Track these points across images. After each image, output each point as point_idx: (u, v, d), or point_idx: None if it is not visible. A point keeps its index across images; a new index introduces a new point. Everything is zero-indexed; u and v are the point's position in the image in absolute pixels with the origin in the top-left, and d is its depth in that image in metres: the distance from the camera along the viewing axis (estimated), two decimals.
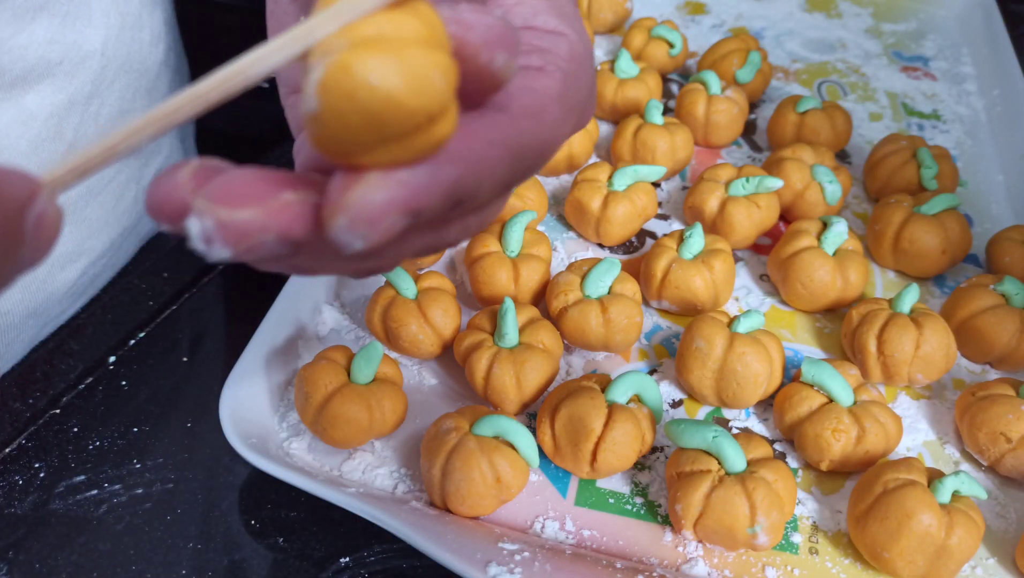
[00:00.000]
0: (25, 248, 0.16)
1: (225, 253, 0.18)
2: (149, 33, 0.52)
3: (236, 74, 0.17)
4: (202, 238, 0.17)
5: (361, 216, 0.17)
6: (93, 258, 0.50)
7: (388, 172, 0.17)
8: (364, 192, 0.17)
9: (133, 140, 0.17)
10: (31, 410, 0.43)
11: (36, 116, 0.43)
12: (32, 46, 0.42)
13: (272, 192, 0.18)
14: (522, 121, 0.20)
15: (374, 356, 0.39)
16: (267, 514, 0.40)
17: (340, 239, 0.17)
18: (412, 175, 0.17)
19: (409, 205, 0.17)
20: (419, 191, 0.18)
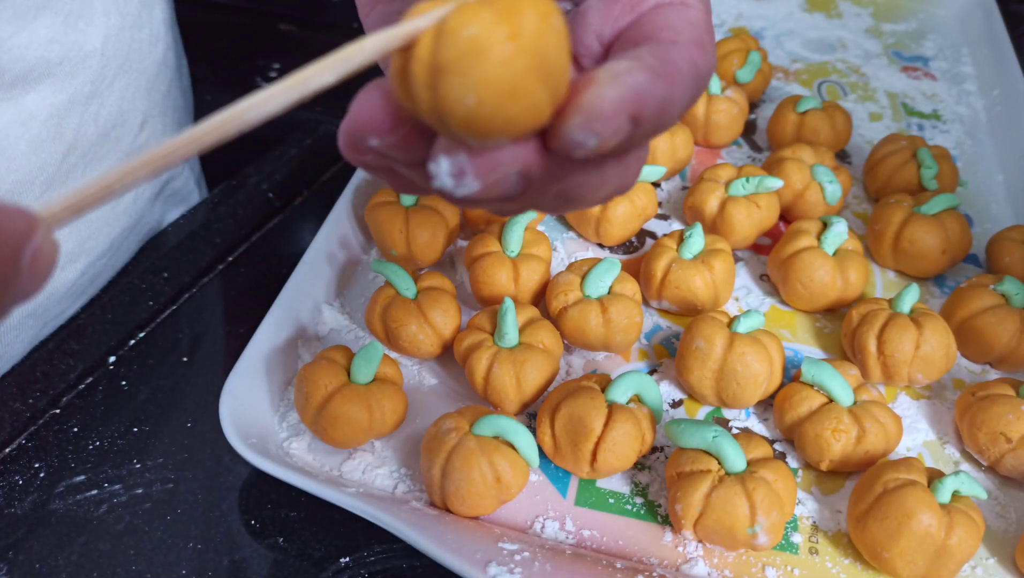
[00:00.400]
0: (22, 281, 0.17)
1: (474, 185, 0.19)
2: (149, 33, 0.52)
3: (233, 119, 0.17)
4: (452, 172, 0.18)
5: (596, 113, 0.18)
6: (93, 258, 0.50)
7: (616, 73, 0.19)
8: (597, 91, 0.18)
9: (129, 180, 0.17)
10: (31, 410, 0.43)
11: (36, 116, 0.43)
12: (32, 46, 0.42)
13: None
14: (693, 49, 0.23)
15: (374, 356, 0.39)
16: (267, 514, 0.40)
17: (575, 138, 0.18)
18: (635, 79, 0.19)
19: (635, 106, 0.19)
20: (642, 95, 0.19)
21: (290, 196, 0.58)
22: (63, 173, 0.46)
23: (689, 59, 0.22)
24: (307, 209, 0.57)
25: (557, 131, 0.19)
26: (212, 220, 0.55)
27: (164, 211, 0.59)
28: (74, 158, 0.46)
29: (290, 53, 0.80)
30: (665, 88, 0.20)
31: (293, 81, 0.17)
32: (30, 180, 0.44)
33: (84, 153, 0.47)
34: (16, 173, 0.43)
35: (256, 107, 0.17)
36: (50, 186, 0.45)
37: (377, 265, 0.44)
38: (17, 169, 0.43)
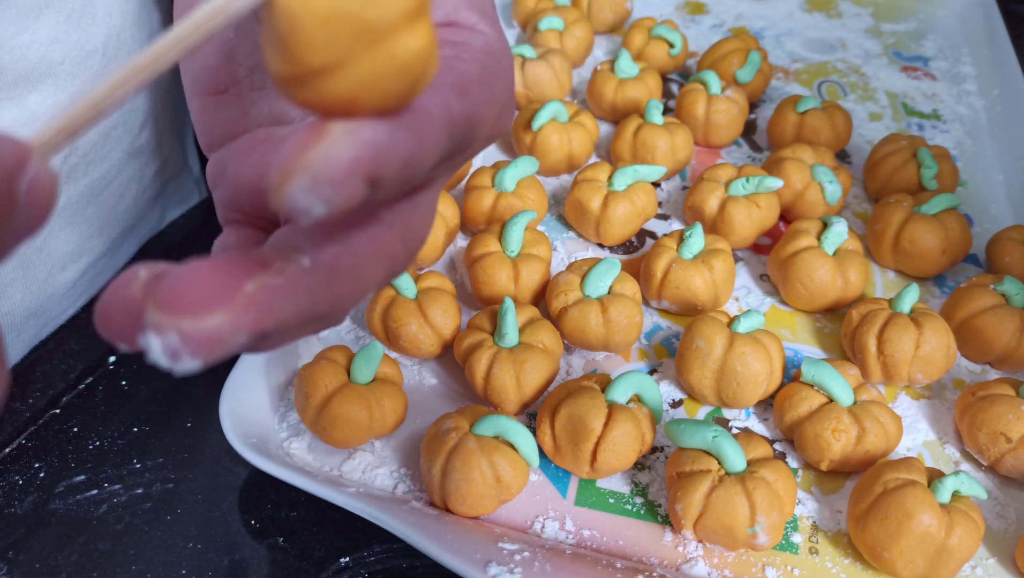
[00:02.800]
0: (20, 215, 0.16)
1: (195, 365, 0.16)
2: (149, 32, 0.52)
3: (217, 12, 0.16)
4: (167, 354, 0.16)
5: (325, 175, 0.16)
6: (93, 258, 0.50)
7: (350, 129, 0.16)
8: (327, 148, 0.16)
9: (118, 93, 0.16)
10: (31, 410, 0.43)
11: (38, 116, 0.43)
12: (34, 45, 0.42)
13: (232, 285, 0.16)
14: (450, 95, 0.20)
15: (374, 356, 0.39)
16: (267, 514, 0.40)
17: (299, 203, 0.16)
18: (374, 133, 0.16)
19: (373, 166, 0.16)
20: (382, 152, 0.16)
21: None
22: (64, 173, 0.46)
23: (441, 106, 0.19)
24: None
25: (277, 191, 0.16)
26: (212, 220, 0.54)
27: (164, 211, 0.59)
28: (75, 159, 0.46)
29: None
30: (410, 142, 0.17)
31: None
32: None
33: (85, 153, 0.47)
34: None
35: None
36: None
37: None
38: None
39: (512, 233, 0.46)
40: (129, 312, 0.16)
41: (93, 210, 0.49)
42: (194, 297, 0.16)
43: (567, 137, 0.55)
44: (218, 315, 0.16)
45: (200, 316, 0.16)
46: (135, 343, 0.16)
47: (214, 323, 0.16)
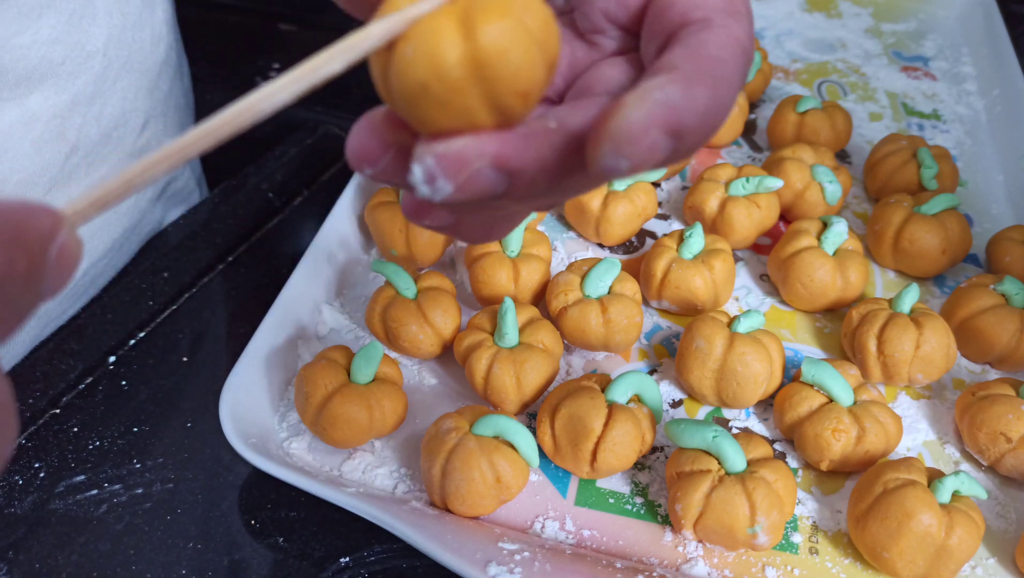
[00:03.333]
0: (48, 278, 0.17)
1: (447, 187, 0.19)
2: (150, 33, 0.52)
3: (246, 110, 0.18)
4: (425, 178, 0.19)
5: (623, 137, 0.18)
6: (94, 259, 0.50)
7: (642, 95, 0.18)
8: (624, 114, 0.18)
9: (149, 174, 0.18)
10: (31, 410, 0.43)
11: (39, 117, 0.43)
12: (35, 46, 0.42)
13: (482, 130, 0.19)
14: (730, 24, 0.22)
15: (374, 356, 0.39)
16: (267, 514, 0.40)
17: (607, 164, 0.18)
18: (665, 94, 0.18)
19: (669, 121, 0.18)
20: (677, 108, 0.18)
21: (290, 196, 0.58)
22: (66, 174, 0.46)
23: (728, 40, 0.21)
24: (307, 209, 0.57)
25: (589, 161, 0.19)
26: (212, 220, 0.55)
27: (165, 211, 0.59)
28: (77, 159, 0.46)
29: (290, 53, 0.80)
30: (706, 93, 0.19)
31: (303, 70, 0.18)
32: (34, 181, 0.44)
33: (87, 154, 0.47)
34: (20, 174, 0.43)
35: (268, 97, 0.18)
36: (53, 187, 0.45)
37: (377, 265, 0.44)
38: (21, 170, 0.43)
39: (512, 233, 0.46)
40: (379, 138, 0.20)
41: None
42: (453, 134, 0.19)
43: None
44: (465, 139, 0.19)
45: (451, 139, 0.19)
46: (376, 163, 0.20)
47: (460, 144, 0.19)
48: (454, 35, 0.18)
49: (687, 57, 0.21)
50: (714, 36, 0.21)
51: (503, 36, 0.18)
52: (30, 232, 0.16)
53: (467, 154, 0.19)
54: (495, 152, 0.19)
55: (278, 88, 0.18)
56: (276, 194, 0.57)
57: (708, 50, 0.21)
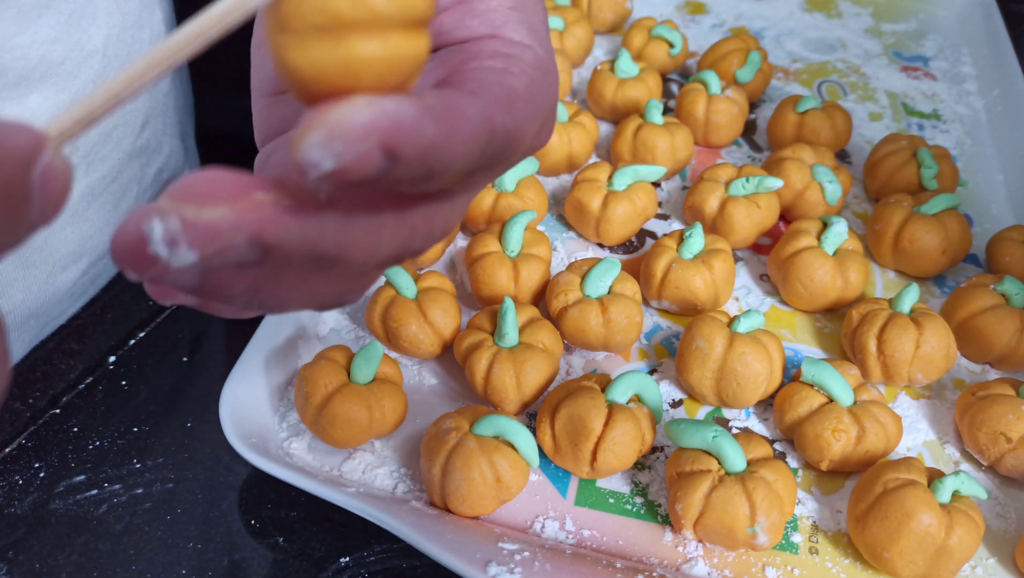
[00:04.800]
0: (34, 204, 0.16)
1: (191, 257, 0.16)
2: (149, 33, 0.52)
3: (237, 6, 0.16)
4: (165, 241, 0.16)
5: (339, 131, 0.16)
6: (94, 259, 0.50)
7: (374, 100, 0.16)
8: (347, 110, 0.16)
9: (135, 85, 0.16)
10: (31, 410, 0.43)
11: (39, 116, 0.43)
12: (35, 45, 0.42)
13: (243, 190, 0.17)
14: (494, 107, 0.20)
15: (374, 356, 0.39)
16: (267, 514, 0.40)
17: (311, 155, 0.16)
18: (397, 107, 0.17)
19: (391, 137, 0.16)
20: (403, 128, 0.16)
21: None
22: None
23: (483, 114, 0.19)
24: None
25: (295, 145, 0.16)
26: None
27: None
28: (76, 158, 0.46)
29: None
30: (436, 131, 0.17)
31: None
32: None
33: (86, 154, 0.47)
34: None
35: None
36: None
37: None
38: None
39: (512, 233, 0.46)
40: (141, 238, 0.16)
41: (94, 211, 0.49)
42: (203, 190, 0.16)
43: (567, 137, 0.55)
44: (222, 208, 0.16)
45: (204, 205, 0.16)
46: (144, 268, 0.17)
47: (216, 215, 0.16)
48: None
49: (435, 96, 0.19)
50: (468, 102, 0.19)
51: None
52: (7, 152, 0.15)
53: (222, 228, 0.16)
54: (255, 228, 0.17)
55: None
56: None
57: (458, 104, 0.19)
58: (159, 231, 0.16)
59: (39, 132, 0.16)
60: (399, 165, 0.17)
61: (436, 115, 0.17)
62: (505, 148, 0.21)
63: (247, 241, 0.17)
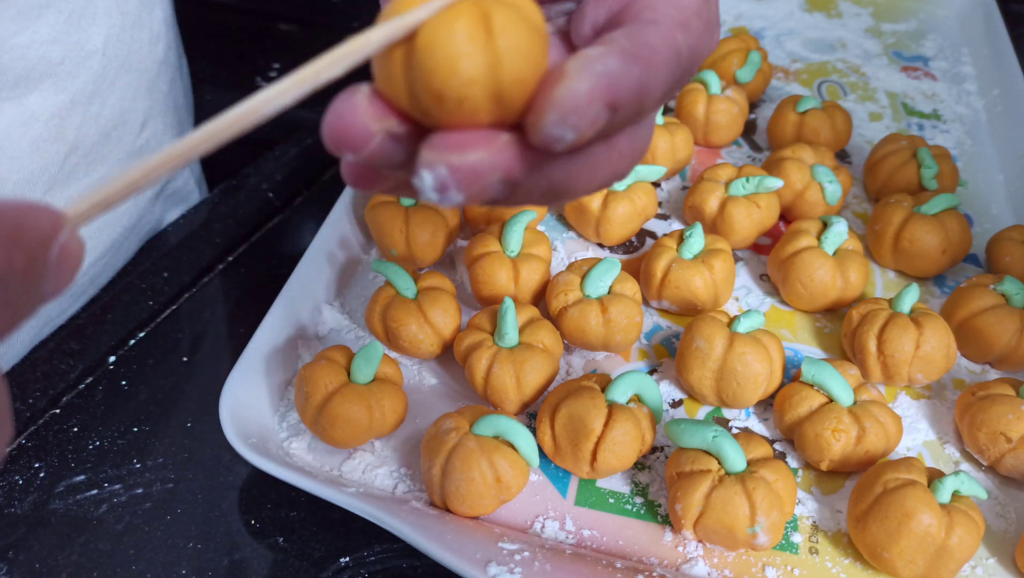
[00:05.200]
0: (49, 279, 0.17)
1: (459, 197, 0.19)
2: (149, 32, 0.52)
3: (249, 113, 0.18)
4: (435, 187, 0.19)
5: (569, 106, 0.18)
6: (93, 259, 0.50)
7: (584, 64, 0.19)
8: (568, 84, 0.18)
9: (152, 176, 0.18)
10: (31, 410, 0.43)
11: (38, 116, 0.43)
12: (34, 45, 0.42)
13: (491, 135, 0.19)
14: (674, 30, 0.22)
15: (374, 356, 0.39)
16: (267, 514, 0.40)
17: (552, 133, 0.18)
18: (606, 65, 0.19)
19: (609, 93, 0.19)
20: (616, 81, 0.19)
21: (290, 196, 0.58)
22: (65, 173, 0.46)
23: (668, 39, 0.22)
24: (307, 209, 0.57)
25: (533, 128, 0.19)
26: (212, 220, 0.55)
27: (164, 211, 0.59)
28: (76, 158, 0.46)
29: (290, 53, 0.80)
30: (640, 71, 0.20)
31: (305, 74, 0.18)
32: (32, 181, 0.44)
33: (86, 153, 0.47)
34: (19, 173, 0.43)
35: (270, 101, 0.18)
36: (52, 187, 0.45)
37: (377, 265, 0.44)
38: (19, 169, 0.43)
39: (512, 233, 0.46)
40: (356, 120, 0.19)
41: None
42: (461, 139, 0.19)
43: None
44: (480, 152, 0.19)
45: (465, 151, 0.19)
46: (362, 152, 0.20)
47: (476, 157, 0.19)
48: (475, 35, 0.18)
49: (625, 36, 0.21)
50: (652, 31, 0.22)
51: (517, 32, 0.18)
52: (29, 231, 0.16)
53: (482, 169, 0.19)
54: (507, 167, 0.19)
55: (280, 92, 0.18)
56: (276, 194, 0.57)
57: (645, 36, 0.21)
58: (429, 180, 0.19)
59: (59, 213, 0.17)
60: (619, 112, 0.19)
61: (635, 57, 0.20)
62: (692, 64, 0.23)
63: (500, 181, 0.19)
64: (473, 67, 0.18)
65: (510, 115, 0.19)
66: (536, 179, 0.21)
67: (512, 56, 0.18)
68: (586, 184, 0.23)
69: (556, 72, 0.19)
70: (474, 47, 0.18)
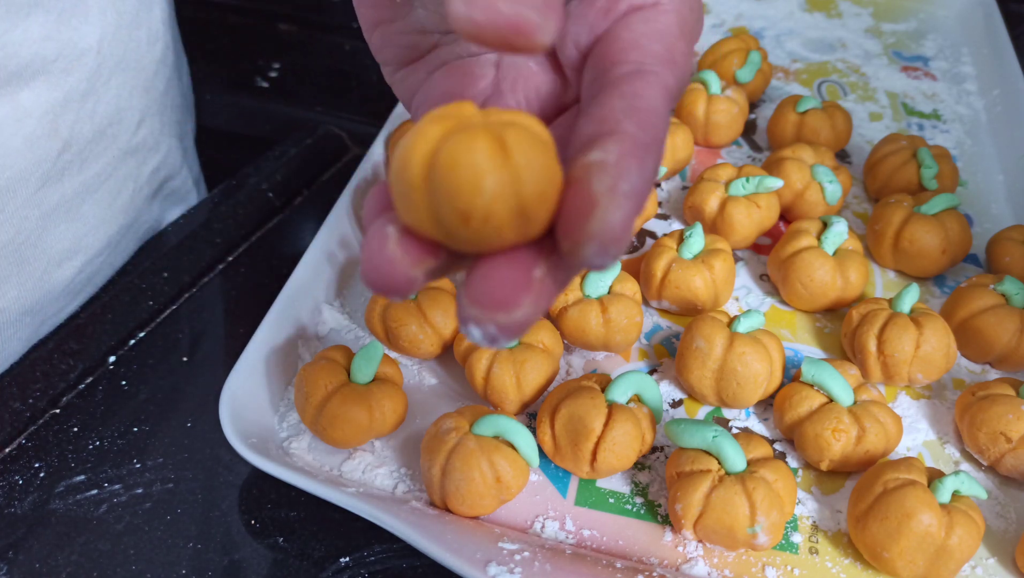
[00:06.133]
0: None
1: (509, 343, 0.20)
2: (147, 31, 0.52)
3: None
4: (486, 340, 0.19)
5: (609, 238, 0.19)
6: (90, 256, 0.50)
7: (612, 188, 0.19)
8: (602, 216, 0.19)
9: None
10: (31, 410, 0.43)
11: (31, 113, 0.43)
12: (27, 42, 0.42)
13: (525, 277, 0.19)
14: (663, 71, 0.22)
15: (374, 356, 0.39)
16: (267, 514, 0.40)
17: (594, 263, 0.19)
18: (631, 184, 0.19)
19: (638, 208, 0.19)
20: (640, 191, 0.19)
21: (290, 196, 0.58)
22: (58, 170, 0.46)
23: (661, 86, 0.22)
24: (307, 209, 0.57)
25: (573, 256, 0.19)
26: (212, 220, 0.55)
27: (163, 211, 0.59)
28: (69, 155, 0.46)
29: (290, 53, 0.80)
30: (654, 162, 0.20)
31: None
32: (25, 178, 0.44)
33: (80, 151, 0.47)
34: (11, 170, 0.43)
35: None
36: (45, 184, 0.45)
37: None
38: (12, 166, 0.43)
39: None
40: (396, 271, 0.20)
41: (89, 207, 0.49)
42: (502, 294, 0.19)
43: None
44: (525, 307, 0.19)
45: (512, 310, 0.19)
46: (407, 293, 0.20)
47: (523, 313, 0.19)
48: (494, 154, 0.18)
49: (628, 113, 0.21)
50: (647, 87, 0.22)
51: (532, 147, 0.18)
52: None
53: (529, 321, 0.19)
54: (548, 304, 0.20)
55: None
56: (276, 194, 0.57)
57: (642, 99, 0.21)
58: (479, 334, 0.19)
59: None
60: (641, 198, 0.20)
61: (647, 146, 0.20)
62: (684, 84, 0.23)
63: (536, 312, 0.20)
64: (496, 183, 0.18)
65: (533, 229, 0.19)
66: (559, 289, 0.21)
67: (530, 170, 0.18)
68: None
69: (585, 195, 0.19)
70: (494, 164, 0.18)
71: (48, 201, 0.46)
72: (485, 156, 0.18)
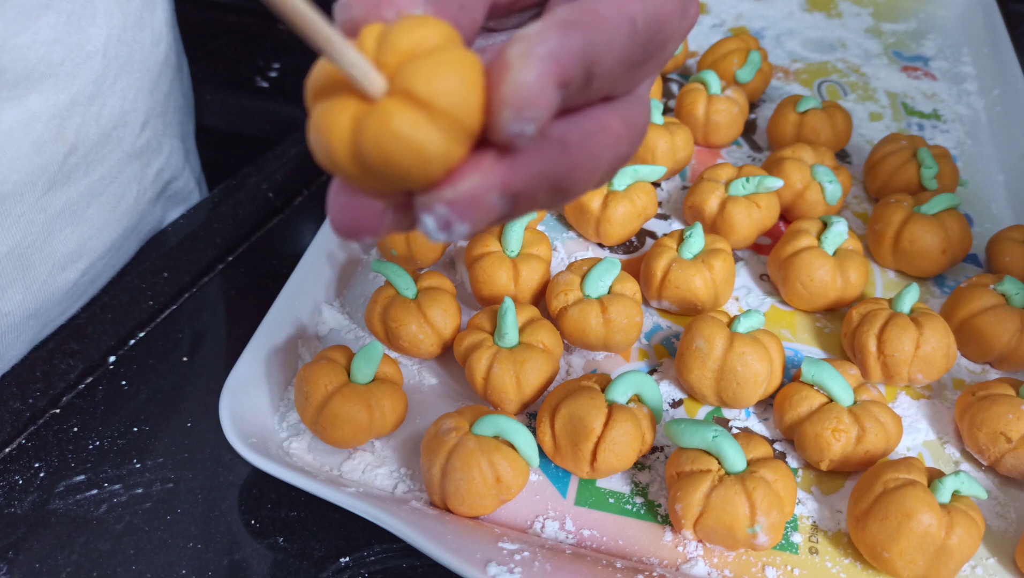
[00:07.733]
0: None
1: (464, 228, 0.19)
2: (150, 33, 0.52)
3: None
4: (439, 226, 0.18)
5: (522, 101, 0.18)
6: (94, 259, 0.50)
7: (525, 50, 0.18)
8: (513, 77, 0.18)
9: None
10: (31, 410, 0.43)
11: (38, 117, 0.43)
12: (35, 46, 0.42)
13: (476, 160, 0.18)
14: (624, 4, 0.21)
15: (374, 356, 0.39)
16: (267, 514, 0.40)
17: (513, 132, 0.18)
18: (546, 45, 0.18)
19: (557, 75, 0.18)
20: (560, 59, 0.18)
21: (290, 196, 0.58)
22: (65, 173, 0.46)
23: (617, 5, 0.20)
24: (307, 209, 0.57)
25: (493, 130, 0.18)
26: (212, 220, 0.55)
27: (165, 211, 0.59)
28: (76, 158, 0.46)
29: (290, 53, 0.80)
30: (581, 38, 0.19)
31: None
32: (32, 181, 0.44)
33: (86, 154, 0.47)
34: (18, 174, 0.43)
35: None
36: (51, 188, 0.45)
37: (377, 265, 0.44)
38: (19, 169, 0.43)
39: (512, 233, 0.46)
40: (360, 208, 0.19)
41: (94, 210, 0.49)
42: (449, 176, 0.18)
43: None
44: (469, 178, 0.18)
45: (455, 183, 0.18)
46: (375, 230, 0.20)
47: (467, 184, 0.18)
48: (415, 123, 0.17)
49: (570, 7, 0.20)
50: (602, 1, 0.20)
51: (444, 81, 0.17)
52: None
53: (478, 192, 0.18)
54: (501, 181, 0.19)
55: None
56: (276, 194, 0.57)
57: (591, 5, 0.20)
58: (431, 222, 0.18)
59: None
60: (573, 86, 0.19)
61: (574, 24, 0.19)
62: (656, 34, 0.22)
63: (499, 197, 0.19)
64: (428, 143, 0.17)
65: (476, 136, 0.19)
66: (535, 182, 0.20)
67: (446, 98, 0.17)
68: (589, 174, 0.22)
69: (500, 64, 0.18)
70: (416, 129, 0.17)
71: (54, 205, 0.46)
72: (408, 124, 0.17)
